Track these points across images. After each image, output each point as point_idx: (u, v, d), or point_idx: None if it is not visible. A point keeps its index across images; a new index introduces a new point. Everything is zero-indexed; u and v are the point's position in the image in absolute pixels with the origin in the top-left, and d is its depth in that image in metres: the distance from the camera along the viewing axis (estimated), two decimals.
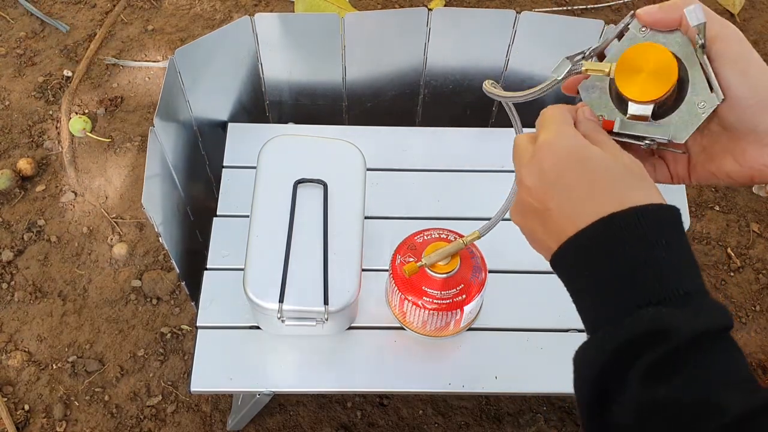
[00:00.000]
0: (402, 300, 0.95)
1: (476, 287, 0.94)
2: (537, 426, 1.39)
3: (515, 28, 1.16)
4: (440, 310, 0.94)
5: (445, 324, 0.97)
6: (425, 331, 0.99)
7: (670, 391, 0.40)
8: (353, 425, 1.38)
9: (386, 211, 1.13)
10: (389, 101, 1.30)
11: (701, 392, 0.40)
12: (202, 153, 1.21)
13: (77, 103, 1.79)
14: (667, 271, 0.43)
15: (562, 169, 0.47)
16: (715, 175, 0.52)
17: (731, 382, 0.41)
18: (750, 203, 1.69)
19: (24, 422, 1.38)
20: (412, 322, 0.99)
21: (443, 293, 0.93)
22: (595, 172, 0.46)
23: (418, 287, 0.93)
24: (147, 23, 1.95)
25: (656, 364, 0.41)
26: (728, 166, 0.50)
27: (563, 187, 0.47)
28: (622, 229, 0.44)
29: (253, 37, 1.16)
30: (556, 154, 0.48)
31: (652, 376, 0.41)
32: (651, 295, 0.42)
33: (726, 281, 1.58)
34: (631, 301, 0.43)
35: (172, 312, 1.50)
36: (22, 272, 1.55)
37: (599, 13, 2.02)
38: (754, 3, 2.07)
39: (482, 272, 0.95)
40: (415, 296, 0.93)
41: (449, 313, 0.94)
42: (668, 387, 0.40)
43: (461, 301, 0.93)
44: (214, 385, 0.99)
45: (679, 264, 0.43)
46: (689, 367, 0.41)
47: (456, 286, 0.93)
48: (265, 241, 0.95)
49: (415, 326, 0.99)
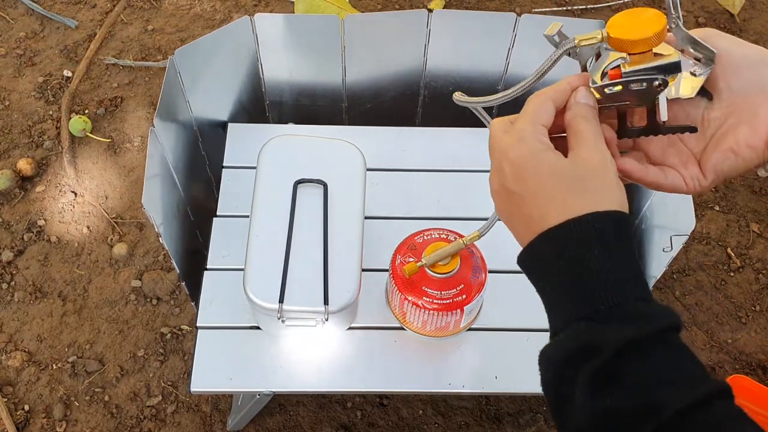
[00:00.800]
0: (402, 300, 0.95)
1: (476, 287, 0.94)
2: (537, 426, 1.39)
3: (515, 30, 1.16)
4: (440, 311, 0.94)
5: (445, 324, 0.97)
6: (425, 331, 0.99)
7: (614, 400, 0.41)
8: (353, 425, 1.38)
9: (386, 211, 1.13)
10: (389, 102, 1.30)
11: (639, 397, 0.41)
12: (202, 153, 1.21)
13: (77, 103, 1.79)
14: (599, 283, 0.44)
15: (516, 178, 0.48)
16: (734, 151, 0.51)
17: (669, 382, 0.41)
18: (750, 203, 1.69)
19: (24, 422, 1.38)
20: (412, 323, 0.99)
21: (443, 293, 0.93)
22: (542, 182, 0.47)
23: (419, 287, 0.93)
24: (147, 23, 1.95)
25: (595, 376, 0.42)
26: (743, 135, 0.50)
27: (516, 197, 0.48)
28: (559, 242, 0.45)
29: (253, 38, 1.16)
30: (512, 161, 0.49)
31: (595, 386, 0.42)
32: (585, 308, 0.44)
33: (726, 281, 1.58)
34: (571, 313, 0.45)
35: (172, 312, 1.50)
36: (22, 272, 1.55)
37: (599, 13, 2.02)
38: (754, 3, 2.07)
39: (482, 272, 0.95)
40: (415, 296, 0.93)
41: (449, 313, 0.94)
42: (611, 396, 0.41)
43: (461, 301, 0.93)
44: (214, 385, 0.99)
45: (612, 274, 0.44)
46: (625, 376, 0.42)
47: (456, 286, 0.93)
48: (265, 241, 0.95)
49: (415, 326, 0.99)
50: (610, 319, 0.43)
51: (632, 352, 0.42)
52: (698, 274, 1.59)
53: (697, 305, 1.55)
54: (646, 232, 1.09)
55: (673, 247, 0.96)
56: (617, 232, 0.45)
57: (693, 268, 1.60)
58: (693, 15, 2.03)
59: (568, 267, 0.44)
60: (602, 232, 0.44)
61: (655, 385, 0.41)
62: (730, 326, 1.52)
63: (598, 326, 0.43)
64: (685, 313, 1.54)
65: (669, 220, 1.02)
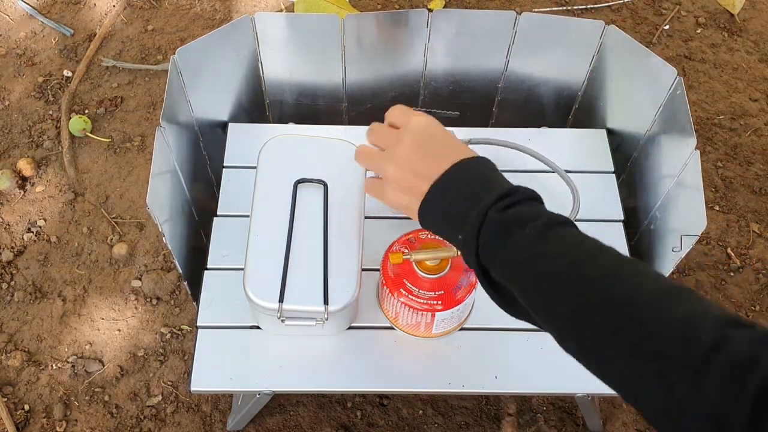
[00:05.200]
0: (382, 285, 0.97)
1: (455, 301, 0.94)
2: (537, 426, 1.39)
3: (515, 29, 1.16)
4: (412, 308, 0.94)
5: (416, 323, 0.97)
6: (398, 323, 1.00)
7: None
8: (353, 425, 1.38)
9: (386, 211, 1.13)
10: (389, 102, 1.30)
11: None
12: (203, 153, 1.21)
13: (77, 103, 1.79)
14: (492, 184, 0.68)
15: (427, 143, 0.73)
16: None
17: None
18: (750, 203, 1.69)
19: (24, 422, 1.38)
20: (387, 310, 1.00)
21: (420, 292, 0.94)
22: (442, 143, 0.73)
23: (400, 277, 0.95)
24: (147, 23, 1.95)
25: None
26: None
27: (426, 156, 0.71)
28: (460, 170, 0.69)
29: (254, 37, 1.16)
30: (421, 132, 0.73)
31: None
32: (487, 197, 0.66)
33: (726, 281, 1.58)
34: (483, 204, 0.65)
35: (172, 312, 1.50)
36: (22, 272, 1.55)
37: (599, 13, 2.02)
38: (754, 3, 2.07)
39: (467, 292, 0.95)
40: (393, 285, 0.95)
41: (420, 314, 0.95)
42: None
43: (435, 305, 0.94)
44: (214, 385, 0.99)
45: (495, 181, 0.68)
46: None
47: (435, 290, 0.94)
48: (265, 241, 0.95)
49: (390, 315, 1.01)
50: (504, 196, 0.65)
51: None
52: (698, 274, 1.59)
53: None
54: (656, 232, 1.09)
55: (682, 247, 0.96)
56: (487, 165, 0.71)
57: (693, 268, 1.60)
58: (693, 15, 2.03)
59: (469, 180, 0.68)
60: (481, 165, 0.71)
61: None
62: None
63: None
64: None
65: (679, 220, 1.02)
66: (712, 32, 2.00)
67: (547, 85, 1.27)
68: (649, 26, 2.00)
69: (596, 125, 1.27)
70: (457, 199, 0.67)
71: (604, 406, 1.41)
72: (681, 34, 1.99)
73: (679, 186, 1.03)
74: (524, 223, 0.62)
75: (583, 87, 1.26)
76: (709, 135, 1.80)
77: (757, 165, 1.76)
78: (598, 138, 1.23)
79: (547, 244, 0.60)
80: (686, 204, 1.00)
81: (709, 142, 1.79)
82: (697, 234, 0.93)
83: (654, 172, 1.13)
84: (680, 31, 2.00)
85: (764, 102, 1.87)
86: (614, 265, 0.57)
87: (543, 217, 0.62)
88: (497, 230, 0.62)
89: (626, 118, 1.21)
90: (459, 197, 0.67)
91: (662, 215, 1.08)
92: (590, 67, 1.22)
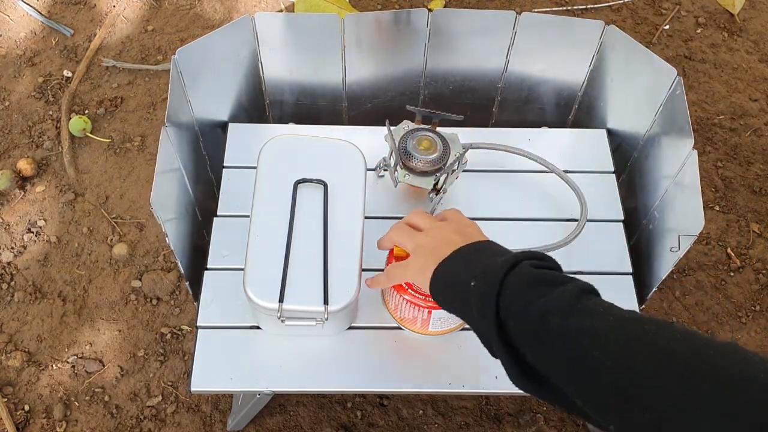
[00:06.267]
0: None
1: None
2: (537, 426, 1.39)
3: (515, 28, 1.16)
4: (410, 302, 0.95)
5: (413, 318, 0.97)
6: (397, 316, 1.01)
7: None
8: (353, 425, 1.38)
9: (386, 211, 1.13)
10: (389, 102, 1.30)
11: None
12: (203, 153, 1.21)
13: (77, 103, 1.79)
14: (495, 257, 0.67)
15: (464, 227, 0.78)
16: None
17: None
18: (750, 203, 1.69)
19: (24, 422, 1.38)
20: (388, 302, 1.01)
21: (419, 288, 0.93)
22: (477, 230, 0.78)
23: None
24: (147, 23, 1.95)
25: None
26: None
27: (460, 233, 0.76)
28: (489, 242, 0.73)
29: (254, 37, 1.16)
30: (461, 221, 0.80)
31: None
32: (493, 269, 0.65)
33: (726, 281, 1.58)
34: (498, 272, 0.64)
35: (172, 312, 1.50)
36: (22, 272, 1.55)
37: (599, 13, 2.02)
38: (754, 3, 2.07)
39: None
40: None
41: (417, 309, 0.95)
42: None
43: (432, 304, 0.93)
44: (214, 385, 0.99)
45: (498, 254, 0.68)
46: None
47: None
48: (265, 241, 0.95)
49: (390, 307, 1.01)
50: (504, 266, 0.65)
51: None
52: (698, 274, 1.59)
53: (697, 305, 1.55)
54: (655, 232, 1.09)
55: (680, 247, 0.96)
56: (491, 245, 0.73)
57: (693, 268, 1.59)
58: (693, 15, 2.03)
59: (478, 256, 0.70)
60: (484, 247, 0.72)
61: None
62: (730, 326, 1.52)
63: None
64: (685, 313, 1.54)
65: (677, 219, 1.02)
66: (712, 32, 2.00)
67: (547, 85, 1.27)
68: (649, 26, 2.00)
69: (596, 125, 1.27)
70: (486, 253, 0.68)
71: None
72: (681, 34, 1.99)
73: (677, 186, 1.03)
74: (557, 283, 0.58)
75: (583, 87, 1.26)
76: (709, 135, 1.80)
77: (757, 165, 1.76)
78: (598, 138, 1.23)
79: (584, 301, 0.55)
80: (684, 204, 1.00)
81: (709, 142, 1.79)
82: (695, 234, 0.93)
83: (653, 172, 1.13)
84: (680, 31, 2.00)
85: (764, 102, 1.87)
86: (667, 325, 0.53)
87: (576, 281, 0.58)
88: (531, 281, 0.59)
89: (626, 118, 1.21)
90: (490, 251, 0.69)
91: (661, 215, 1.08)
92: (590, 67, 1.22)
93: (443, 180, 1.08)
